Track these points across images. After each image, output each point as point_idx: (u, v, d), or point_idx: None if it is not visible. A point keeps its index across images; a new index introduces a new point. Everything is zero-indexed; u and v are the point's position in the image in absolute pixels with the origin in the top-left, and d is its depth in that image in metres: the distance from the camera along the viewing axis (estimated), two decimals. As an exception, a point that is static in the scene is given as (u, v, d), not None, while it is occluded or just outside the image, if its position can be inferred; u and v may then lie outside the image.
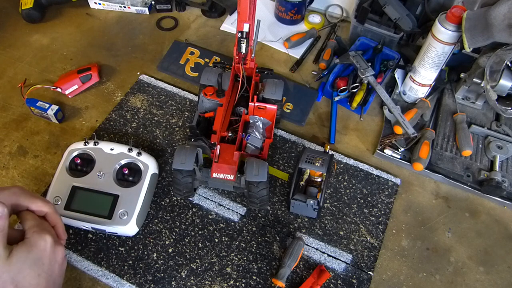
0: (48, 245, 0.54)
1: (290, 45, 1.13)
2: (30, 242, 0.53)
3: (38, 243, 0.53)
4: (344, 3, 1.20)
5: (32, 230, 0.54)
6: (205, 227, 0.82)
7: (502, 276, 0.80)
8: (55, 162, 0.90)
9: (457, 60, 1.02)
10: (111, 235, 0.80)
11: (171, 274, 0.77)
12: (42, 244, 0.53)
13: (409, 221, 0.86)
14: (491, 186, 0.86)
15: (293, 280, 0.78)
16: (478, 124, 0.96)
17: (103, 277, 0.76)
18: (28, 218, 0.56)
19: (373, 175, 0.91)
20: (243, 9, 0.76)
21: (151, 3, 1.20)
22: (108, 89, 1.03)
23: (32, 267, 0.51)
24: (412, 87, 0.99)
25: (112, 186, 0.80)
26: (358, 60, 1.00)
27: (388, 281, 0.79)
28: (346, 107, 1.02)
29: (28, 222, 0.55)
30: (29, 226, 0.55)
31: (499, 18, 0.76)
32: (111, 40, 1.14)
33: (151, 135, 0.95)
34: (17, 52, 1.10)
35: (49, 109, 0.93)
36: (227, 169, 0.78)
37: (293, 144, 0.95)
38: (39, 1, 1.14)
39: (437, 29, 0.86)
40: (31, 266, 0.51)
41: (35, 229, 0.54)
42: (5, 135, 0.94)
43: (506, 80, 0.83)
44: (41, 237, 0.54)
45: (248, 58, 0.88)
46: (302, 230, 0.83)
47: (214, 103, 0.91)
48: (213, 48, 1.13)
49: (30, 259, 0.52)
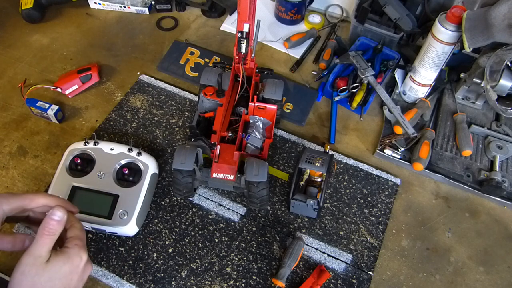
0: (82, 263, 0.53)
1: (290, 45, 1.13)
2: (69, 254, 0.52)
3: (75, 258, 0.52)
4: (344, 3, 1.20)
5: (74, 242, 0.53)
6: (205, 227, 0.82)
7: (502, 276, 0.80)
8: (55, 162, 0.90)
9: (457, 60, 1.01)
10: (111, 235, 0.80)
11: (171, 274, 0.77)
12: (77, 260, 0.52)
13: (409, 221, 0.86)
14: (491, 186, 0.86)
15: (293, 280, 0.78)
16: (478, 124, 0.96)
17: (103, 277, 0.76)
18: (76, 226, 0.55)
19: (373, 175, 0.91)
20: (243, 9, 0.76)
21: (151, 3, 1.20)
22: (108, 89, 1.03)
23: (62, 279, 0.51)
24: (412, 87, 0.99)
25: (112, 186, 0.80)
26: (358, 60, 1.00)
27: (388, 281, 0.79)
28: (346, 107, 1.02)
29: (74, 231, 0.54)
30: (73, 236, 0.54)
31: (499, 18, 0.76)
32: (111, 40, 1.14)
33: (151, 135, 0.95)
34: (17, 52, 1.10)
35: (49, 109, 0.93)
36: (227, 169, 0.78)
37: (293, 144, 0.95)
38: (39, 1, 1.14)
39: (437, 29, 0.86)
40: (62, 278, 0.51)
41: (77, 242, 0.53)
42: (5, 135, 0.94)
43: (506, 80, 0.83)
44: (79, 253, 0.53)
45: (248, 58, 0.88)
46: (302, 230, 0.83)
47: (214, 103, 0.91)
48: (213, 48, 1.13)
49: (63, 272, 0.51)
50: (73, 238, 0.54)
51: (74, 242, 0.53)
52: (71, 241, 0.53)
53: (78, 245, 0.53)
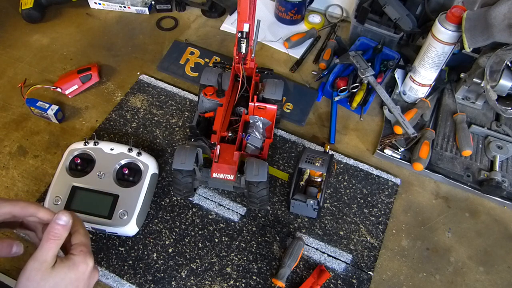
0: (88, 270, 0.52)
1: (290, 45, 1.13)
2: (74, 261, 0.51)
3: (80, 265, 0.52)
4: (344, 3, 1.20)
5: (79, 249, 0.52)
6: (205, 227, 0.82)
7: (502, 276, 0.80)
8: (55, 162, 0.90)
9: (457, 60, 1.01)
10: (111, 235, 0.80)
11: (171, 274, 0.77)
12: (83, 267, 0.52)
13: (409, 221, 0.86)
14: (491, 186, 0.86)
15: (293, 280, 0.78)
16: (478, 124, 0.96)
17: (103, 277, 0.76)
18: (80, 232, 0.54)
19: (373, 175, 0.91)
20: (243, 9, 0.76)
21: (151, 3, 1.20)
22: (108, 89, 1.03)
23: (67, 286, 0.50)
24: (412, 87, 0.99)
25: (112, 186, 0.80)
26: (358, 60, 1.00)
27: (388, 281, 0.79)
28: (346, 107, 1.02)
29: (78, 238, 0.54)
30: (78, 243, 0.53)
31: (499, 18, 0.76)
32: (111, 40, 1.14)
33: (151, 135, 0.95)
34: (17, 52, 1.10)
35: (49, 109, 0.93)
36: (227, 169, 0.78)
37: (293, 144, 0.95)
38: (39, 1, 1.14)
39: (437, 29, 0.86)
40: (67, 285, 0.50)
41: (82, 248, 0.53)
42: (5, 135, 0.94)
43: (506, 80, 0.83)
44: (85, 259, 0.52)
45: (248, 58, 0.88)
46: (302, 230, 0.83)
47: (214, 103, 0.91)
48: (213, 48, 1.13)
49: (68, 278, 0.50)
50: (78, 244, 0.53)
51: (79, 248, 0.52)
52: (77, 247, 0.53)
53: (84, 252, 0.52)
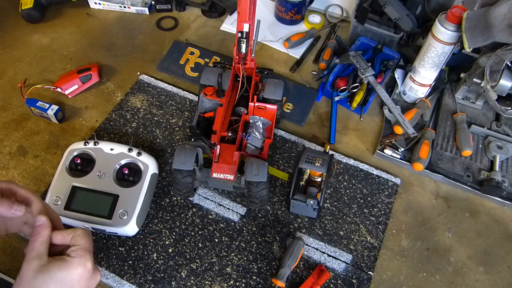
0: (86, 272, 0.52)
1: (290, 45, 1.13)
2: (67, 262, 0.51)
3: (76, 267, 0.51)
4: (344, 3, 1.20)
5: (75, 252, 0.52)
6: (205, 227, 0.82)
7: (502, 276, 0.80)
8: (55, 162, 0.90)
9: (457, 60, 1.01)
10: (111, 235, 0.80)
11: (171, 274, 0.77)
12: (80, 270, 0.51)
13: (409, 221, 0.86)
14: (491, 186, 0.86)
15: (293, 280, 0.78)
16: (478, 124, 0.96)
17: (103, 277, 0.76)
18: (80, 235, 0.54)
19: (373, 175, 0.91)
20: (243, 9, 0.76)
21: (151, 3, 1.20)
22: (108, 89, 1.03)
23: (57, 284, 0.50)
24: (412, 87, 0.99)
25: (112, 186, 0.80)
26: (358, 60, 1.00)
27: (388, 281, 0.79)
28: (346, 107, 1.02)
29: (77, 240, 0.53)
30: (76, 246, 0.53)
31: (499, 18, 0.76)
32: (111, 40, 1.14)
33: (151, 135, 0.95)
34: (17, 52, 1.10)
35: (49, 109, 0.93)
36: (227, 169, 0.78)
37: (293, 144, 0.95)
38: (39, 1, 1.14)
39: (437, 29, 0.86)
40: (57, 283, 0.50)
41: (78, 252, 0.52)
42: (5, 135, 0.94)
43: (506, 80, 0.83)
44: (81, 262, 0.52)
45: (248, 58, 0.88)
46: (302, 230, 0.83)
47: (214, 103, 0.91)
48: (213, 48, 1.13)
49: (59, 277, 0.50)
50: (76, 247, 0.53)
51: (76, 251, 0.52)
52: (74, 250, 0.53)
53: (80, 255, 0.52)
